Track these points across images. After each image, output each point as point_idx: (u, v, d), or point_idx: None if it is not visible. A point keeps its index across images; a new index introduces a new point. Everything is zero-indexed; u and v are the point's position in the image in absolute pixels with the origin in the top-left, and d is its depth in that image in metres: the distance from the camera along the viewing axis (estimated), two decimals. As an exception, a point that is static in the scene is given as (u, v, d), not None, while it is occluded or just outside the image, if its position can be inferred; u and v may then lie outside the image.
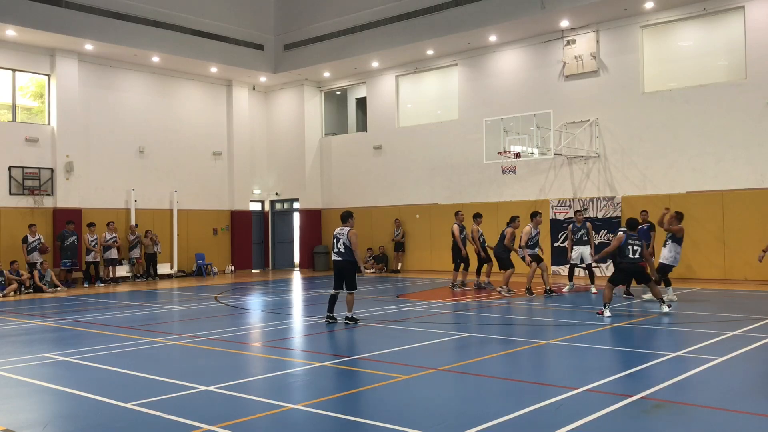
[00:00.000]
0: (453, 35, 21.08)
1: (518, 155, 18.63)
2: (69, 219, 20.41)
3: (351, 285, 11.27)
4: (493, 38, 21.27)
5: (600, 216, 19.58)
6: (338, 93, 27.55)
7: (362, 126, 26.30)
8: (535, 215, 15.32)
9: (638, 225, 12.35)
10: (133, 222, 22.57)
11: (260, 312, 14.24)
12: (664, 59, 19.32)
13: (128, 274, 22.19)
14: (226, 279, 22.86)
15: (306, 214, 26.44)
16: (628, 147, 19.36)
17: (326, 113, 27.29)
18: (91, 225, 20.75)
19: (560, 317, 11.92)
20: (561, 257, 20.09)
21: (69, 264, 20.20)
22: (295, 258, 27.48)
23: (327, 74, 25.58)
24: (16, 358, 8.86)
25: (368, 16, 23.12)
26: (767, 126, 17.30)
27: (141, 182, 23.20)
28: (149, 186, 23.46)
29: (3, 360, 8.74)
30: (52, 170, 20.98)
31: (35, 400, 6.76)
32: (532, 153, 18.89)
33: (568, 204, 20.31)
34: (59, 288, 18.94)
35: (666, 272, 13.32)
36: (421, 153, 23.64)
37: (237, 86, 26.13)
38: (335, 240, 11.33)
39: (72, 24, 20.21)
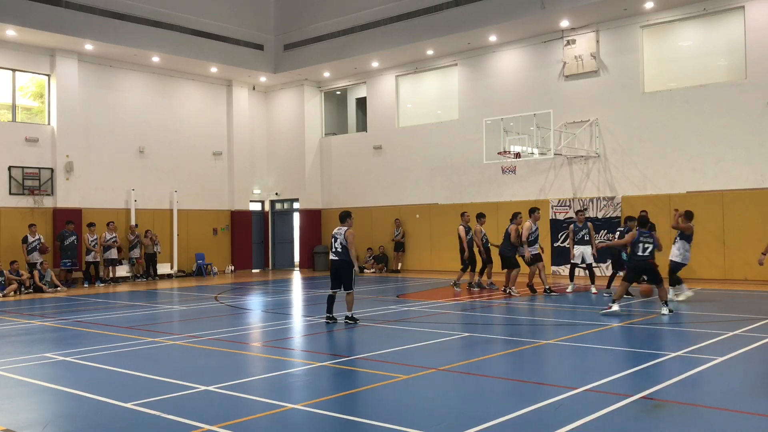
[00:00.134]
0: (453, 35, 21.08)
1: (518, 155, 18.63)
2: (69, 219, 20.42)
3: (348, 285, 11.33)
4: (493, 38, 21.28)
5: (600, 216, 19.58)
6: (338, 93, 27.54)
7: (362, 126, 26.31)
8: (534, 211, 15.45)
9: (648, 222, 12.32)
10: (133, 222, 22.57)
11: (260, 312, 14.24)
12: (664, 59, 19.31)
13: (128, 274, 22.20)
14: (226, 279, 22.86)
15: (306, 214, 26.44)
16: (628, 147, 19.36)
17: (326, 113, 27.29)
18: (91, 225, 20.75)
19: (560, 317, 11.92)
20: (561, 257, 20.11)
21: (69, 264, 20.20)
22: (295, 258, 27.48)
23: (327, 74, 25.58)
24: (16, 358, 8.86)
25: (368, 16, 23.12)
26: (767, 126, 17.30)
27: (141, 182, 23.20)
28: (149, 186, 23.46)
29: (3, 360, 8.74)
30: (52, 170, 20.98)
31: (35, 400, 6.76)
32: (532, 153, 18.89)
33: (568, 204, 20.30)
34: (59, 288, 18.94)
35: (676, 270, 13.33)
36: (421, 153, 23.64)
37: (237, 86, 26.13)
38: (333, 240, 11.43)
39: (72, 24, 20.21)
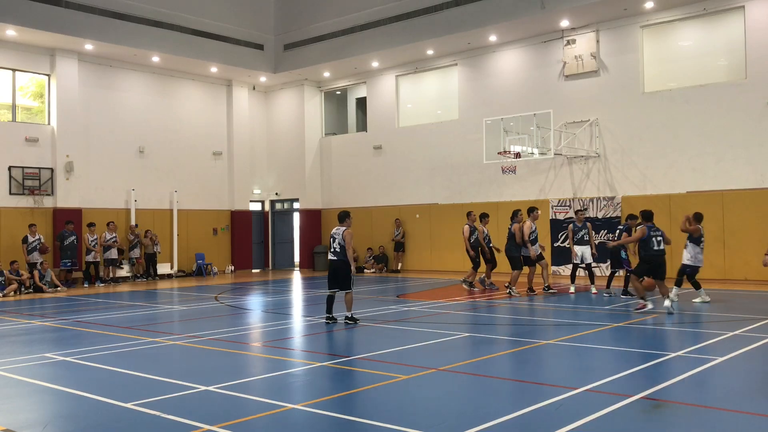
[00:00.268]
0: (453, 35, 21.07)
1: (518, 155, 18.63)
2: (69, 219, 20.41)
3: (346, 285, 11.34)
4: (493, 38, 21.27)
5: (600, 216, 19.58)
6: (338, 93, 27.54)
7: (362, 126, 26.30)
8: (533, 210, 15.53)
9: (652, 215, 12.22)
10: (133, 222, 22.57)
11: (260, 312, 14.25)
12: (664, 59, 19.31)
13: (128, 274, 22.19)
14: (226, 279, 22.86)
15: (306, 214, 26.44)
16: (628, 147, 19.36)
17: (326, 113, 27.29)
18: (91, 225, 20.75)
19: (561, 317, 11.92)
20: (561, 257, 20.11)
21: (69, 264, 20.20)
22: (295, 258, 27.48)
23: (327, 74, 25.58)
24: (16, 358, 8.86)
25: (368, 16, 23.12)
26: (767, 126, 17.30)
27: (141, 182, 23.20)
28: (149, 186, 23.46)
29: (3, 360, 8.74)
30: (52, 170, 20.98)
31: (35, 400, 6.76)
32: (532, 153, 18.89)
33: (568, 204, 20.30)
34: (59, 288, 18.94)
35: (685, 273, 13.15)
36: (421, 153, 23.63)
37: (237, 86, 26.13)
38: (332, 240, 11.45)
39: (72, 24, 20.21)
